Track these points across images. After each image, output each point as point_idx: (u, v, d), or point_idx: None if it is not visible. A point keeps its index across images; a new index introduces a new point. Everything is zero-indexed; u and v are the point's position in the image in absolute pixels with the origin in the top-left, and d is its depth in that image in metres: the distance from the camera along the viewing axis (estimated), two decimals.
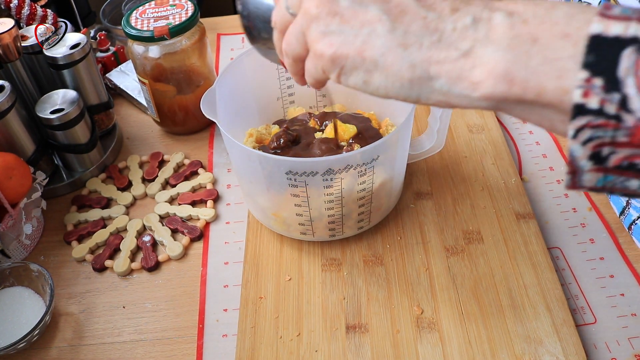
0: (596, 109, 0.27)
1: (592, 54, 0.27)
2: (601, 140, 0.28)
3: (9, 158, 0.61)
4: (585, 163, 0.29)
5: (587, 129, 0.28)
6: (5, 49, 0.64)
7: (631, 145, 0.28)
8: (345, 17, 0.32)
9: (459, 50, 0.30)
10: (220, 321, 0.57)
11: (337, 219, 0.57)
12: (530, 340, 0.52)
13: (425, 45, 0.31)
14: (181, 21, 0.69)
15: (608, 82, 0.27)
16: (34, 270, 0.57)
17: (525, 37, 0.29)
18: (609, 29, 0.27)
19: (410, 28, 0.31)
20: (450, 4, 0.31)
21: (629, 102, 0.27)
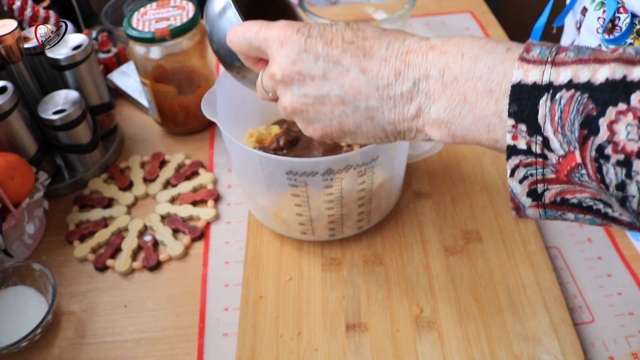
0: (525, 149, 0.32)
1: (514, 104, 0.31)
2: (534, 178, 0.32)
3: (12, 158, 0.61)
4: (525, 200, 0.33)
5: (521, 167, 0.32)
6: (7, 50, 0.65)
7: (559, 181, 0.32)
8: (315, 107, 0.38)
9: (411, 113, 0.36)
10: (220, 320, 0.57)
11: (337, 219, 0.58)
12: (529, 339, 0.52)
13: (386, 112, 0.37)
14: (182, 22, 0.69)
15: (530, 127, 0.31)
16: (37, 269, 0.58)
17: (457, 97, 0.34)
18: (527, 76, 0.31)
19: (369, 103, 0.37)
20: (393, 68, 0.35)
21: (550, 143, 0.31)
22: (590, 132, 0.29)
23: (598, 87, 0.29)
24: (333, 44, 0.37)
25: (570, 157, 0.30)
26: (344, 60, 0.37)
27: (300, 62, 0.38)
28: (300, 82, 0.38)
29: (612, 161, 0.29)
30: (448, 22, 0.99)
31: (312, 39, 0.38)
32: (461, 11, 1.01)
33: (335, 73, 0.37)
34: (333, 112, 0.38)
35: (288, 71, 0.38)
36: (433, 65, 0.34)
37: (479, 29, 0.97)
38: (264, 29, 0.40)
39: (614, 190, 0.30)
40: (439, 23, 0.99)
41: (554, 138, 0.30)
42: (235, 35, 0.41)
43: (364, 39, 0.37)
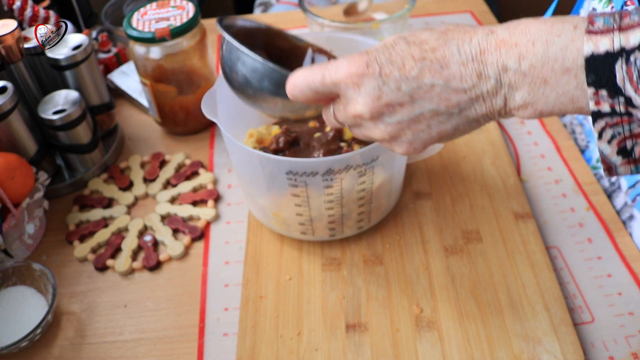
0: (609, 112, 0.33)
1: (592, 74, 0.33)
2: (622, 136, 0.34)
3: (12, 158, 0.61)
4: (616, 159, 0.35)
5: (608, 128, 0.34)
6: (8, 50, 0.65)
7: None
8: (412, 127, 0.40)
9: (499, 104, 0.38)
10: (221, 320, 0.57)
11: (337, 219, 0.58)
12: (529, 339, 0.52)
13: (477, 108, 0.38)
14: (182, 22, 0.69)
15: (611, 91, 0.33)
16: (37, 269, 0.58)
17: (538, 81, 0.35)
18: (598, 46, 0.33)
19: (460, 105, 0.38)
20: (474, 70, 0.37)
21: (633, 101, 0.32)
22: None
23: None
24: (407, 67, 0.38)
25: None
26: (425, 79, 0.37)
27: (385, 96, 0.38)
28: (390, 113, 0.39)
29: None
30: (448, 22, 0.99)
31: (385, 69, 0.38)
32: (461, 11, 1.01)
33: (422, 93, 0.38)
34: (430, 125, 0.40)
35: (376, 107, 0.39)
36: (508, 59, 0.36)
37: None
38: (328, 74, 0.40)
39: None
40: (439, 23, 0.99)
41: (636, 96, 0.32)
42: (298, 89, 0.42)
43: (433, 51, 0.38)
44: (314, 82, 0.41)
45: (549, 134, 0.75)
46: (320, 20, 0.78)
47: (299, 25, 0.98)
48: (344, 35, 0.63)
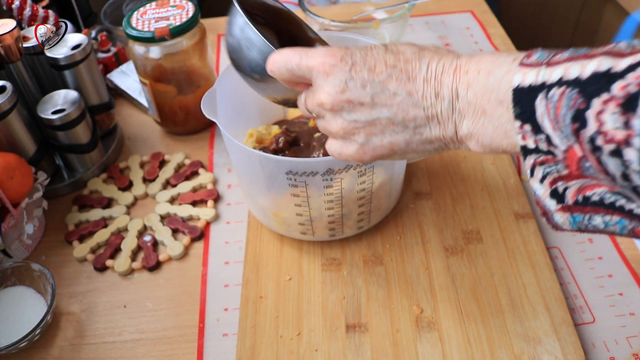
0: (534, 148, 0.33)
1: (517, 107, 0.33)
2: (552, 176, 0.33)
3: (11, 158, 0.61)
4: (550, 202, 0.34)
5: (537, 166, 0.34)
6: (7, 50, 0.64)
7: (573, 175, 0.33)
8: (366, 129, 0.40)
9: (450, 129, 0.38)
10: (220, 320, 0.57)
11: (337, 219, 0.58)
12: (529, 339, 0.52)
13: (433, 128, 0.39)
14: (182, 22, 0.69)
15: (534, 126, 0.33)
16: (36, 269, 0.58)
17: (479, 110, 0.36)
18: (525, 79, 0.33)
19: (417, 122, 0.39)
20: (433, 88, 0.38)
21: (552, 140, 0.32)
22: (581, 125, 0.30)
23: (585, 81, 0.30)
24: (377, 70, 0.39)
25: (572, 151, 0.32)
26: (390, 85, 0.38)
27: (349, 91, 0.39)
28: (350, 109, 0.40)
29: (606, 152, 0.30)
30: (448, 21, 0.99)
31: (356, 66, 0.39)
32: (461, 11, 1.01)
33: (383, 98, 0.39)
34: (384, 132, 0.40)
35: (337, 100, 0.40)
36: (460, 84, 0.37)
37: (480, 28, 0.96)
38: (305, 58, 0.41)
39: (621, 181, 0.30)
40: (439, 22, 0.99)
41: (553, 134, 0.32)
42: (276, 65, 0.43)
43: (406, 62, 0.39)
44: (291, 62, 0.42)
45: None
46: (320, 19, 0.78)
47: None
48: (344, 35, 0.63)
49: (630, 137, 0.28)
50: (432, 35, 0.96)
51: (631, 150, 0.29)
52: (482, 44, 0.93)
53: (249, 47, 0.46)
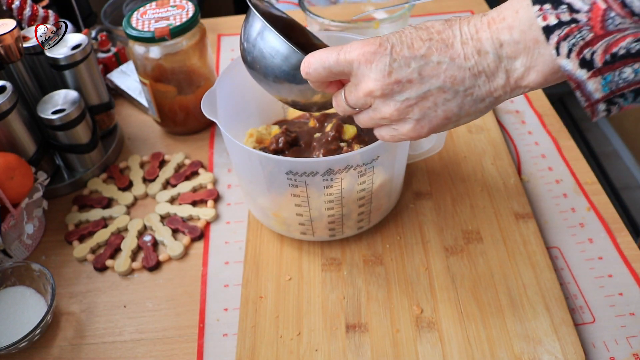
0: (556, 23, 0.35)
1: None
2: (579, 46, 0.35)
3: (11, 158, 0.61)
4: (581, 73, 0.36)
5: (562, 42, 0.35)
6: (7, 50, 0.64)
7: (598, 37, 0.34)
8: (420, 105, 0.41)
9: (502, 78, 0.39)
10: (220, 320, 0.57)
11: (337, 219, 0.58)
12: (529, 339, 0.52)
13: (482, 85, 0.40)
14: (182, 22, 0.69)
15: (553, 2, 0.35)
16: (36, 269, 0.58)
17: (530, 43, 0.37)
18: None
19: (465, 83, 0.40)
20: (473, 47, 0.39)
21: (573, 5, 0.34)
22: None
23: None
24: (416, 46, 0.40)
25: (595, 7, 0.34)
26: (432, 56, 0.40)
27: (395, 72, 0.40)
28: (400, 89, 0.41)
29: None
30: None
31: (396, 47, 0.41)
32: (462, 11, 1.01)
33: (429, 69, 0.40)
34: (436, 103, 0.41)
35: (386, 83, 0.41)
36: (500, 33, 0.38)
37: None
38: (342, 53, 0.42)
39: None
40: None
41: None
42: (313, 67, 0.44)
43: (439, 33, 0.40)
44: (329, 60, 0.43)
45: (550, 133, 0.75)
46: (320, 19, 0.77)
47: None
48: (344, 35, 0.63)
49: None
50: None
51: None
52: None
53: (272, 54, 0.47)
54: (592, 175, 0.68)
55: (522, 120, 0.77)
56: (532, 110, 0.79)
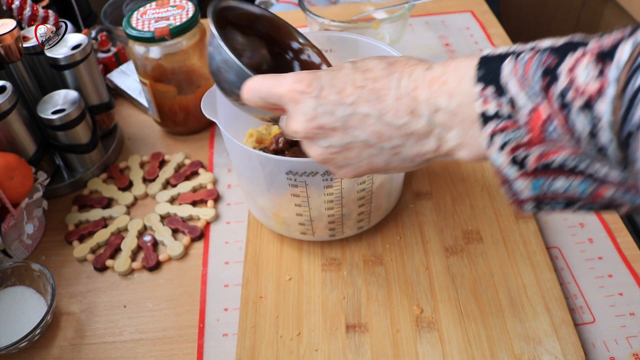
0: (494, 113, 0.32)
1: (481, 69, 0.33)
2: (512, 144, 0.32)
3: (11, 158, 0.61)
4: (510, 170, 0.33)
5: (497, 134, 0.32)
6: (7, 50, 0.64)
7: (534, 142, 0.32)
8: (343, 154, 0.40)
9: (432, 144, 0.37)
10: (220, 320, 0.57)
11: (337, 219, 0.58)
12: (529, 339, 0.52)
13: (411, 146, 0.37)
14: (182, 22, 0.69)
15: (496, 88, 0.32)
16: (36, 269, 0.58)
17: (467, 121, 0.34)
18: (496, 51, 0.33)
19: (392, 142, 0.38)
20: (407, 106, 0.36)
21: (516, 101, 0.31)
22: (551, 80, 0.30)
23: (558, 47, 0.31)
24: (346, 92, 0.38)
25: (536, 112, 0.31)
26: (360, 107, 0.37)
27: (319, 118, 0.38)
28: (323, 135, 0.39)
29: (576, 107, 0.29)
30: (448, 21, 0.99)
31: (324, 90, 0.38)
32: (462, 11, 1.01)
33: (355, 120, 0.38)
34: (360, 155, 0.39)
35: (310, 127, 0.39)
36: (439, 97, 0.35)
37: (480, 28, 0.96)
38: (275, 86, 0.41)
39: (587, 140, 0.29)
40: (439, 22, 0.99)
41: (519, 95, 0.31)
42: (250, 94, 0.43)
43: (374, 81, 0.37)
44: (263, 90, 0.41)
45: None
46: (320, 19, 0.77)
47: (299, 25, 0.97)
48: (344, 35, 0.63)
49: (604, 86, 0.28)
50: (432, 35, 0.96)
51: (602, 103, 0.28)
52: (482, 43, 0.93)
53: (227, 70, 0.46)
54: None
55: None
56: None
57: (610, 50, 0.28)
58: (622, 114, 0.27)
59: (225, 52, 0.45)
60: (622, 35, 0.29)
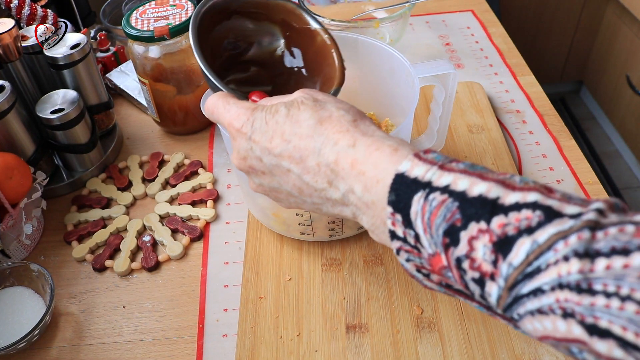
0: (402, 237, 0.33)
1: (393, 193, 0.32)
2: (415, 264, 0.33)
3: (9, 158, 0.61)
4: (417, 275, 0.34)
5: (403, 251, 0.33)
6: (5, 49, 0.64)
7: (435, 272, 0.32)
8: (273, 194, 0.42)
9: (348, 214, 0.38)
10: (220, 321, 0.57)
11: (337, 219, 0.57)
12: (530, 340, 0.52)
13: (329, 208, 0.39)
14: (181, 21, 0.69)
15: (405, 219, 0.32)
16: (34, 270, 0.57)
17: (378, 219, 0.35)
18: (413, 169, 0.32)
19: (313, 199, 0.39)
20: (325, 176, 0.37)
21: (420, 239, 0.31)
22: (451, 242, 0.30)
23: (469, 199, 0.30)
24: (274, 142, 0.38)
25: (437, 257, 0.31)
26: (283, 162, 0.38)
27: (249, 159, 0.41)
28: (254, 174, 0.42)
29: (469, 276, 0.30)
30: (449, 21, 0.99)
31: (255, 135, 0.39)
32: (462, 10, 1.01)
33: (279, 172, 0.39)
34: (288, 199, 0.41)
35: (242, 165, 0.42)
36: (355, 183, 0.35)
37: (480, 28, 0.96)
38: (222, 115, 0.42)
39: (479, 299, 0.30)
40: (440, 22, 0.98)
41: (423, 236, 0.31)
42: (206, 113, 0.45)
43: (300, 138, 0.37)
44: (214, 113, 0.44)
45: (551, 133, 0.74)
46: (320, 19, 0.77)
47: None
48: (344, 35, 0.63)
49: (495, 275, 0.28)
50: (433, 35, 0.95)
51: (493, 285, 0.29)
52: (482, 43, 0.93)
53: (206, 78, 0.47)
54: (593, 176, 0.68)
55: (523, 120, 0.77)
56: (533, 110, 0.78)
57: (509, 240, 0.28)
58: (507, 303, 0.29)
59: (197, 59, 0.46)
60: (528, 220, 0.28)
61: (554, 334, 0.27)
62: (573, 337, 0.26)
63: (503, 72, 0.86)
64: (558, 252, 0.27)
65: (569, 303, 0.26)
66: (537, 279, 0.27)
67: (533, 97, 0.81)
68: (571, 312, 0.26)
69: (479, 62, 0.88)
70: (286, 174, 0.39)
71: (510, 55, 0.89)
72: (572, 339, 0.27)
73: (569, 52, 1.89)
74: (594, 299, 0.25)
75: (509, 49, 0.91)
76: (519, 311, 0.28)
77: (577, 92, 2.09)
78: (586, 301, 0.25)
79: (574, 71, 1.95)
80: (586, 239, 0.26)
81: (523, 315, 0.28)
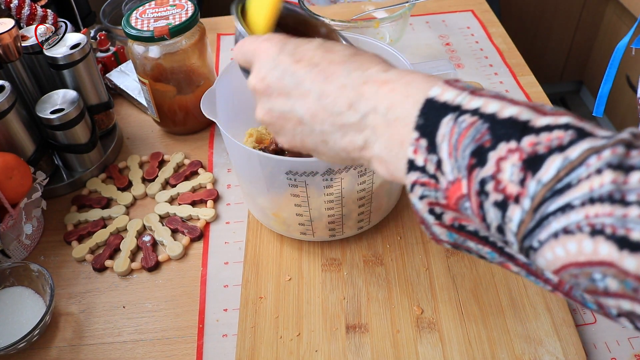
0: (422, 167, 0.31)
1: (422, 117, 0.31)
2: (430, 199, 0.32)
3: (9, 158, 0.61)
4: (428, 217, 0.33)
5: (418, 185, 0.32)
6: (5, 49, 0.64)
7: (450, 208, 0.31)
8: (280, 122, 0.40)
9: (359, 144, 0.36)
10: (220, 321, 0.57)
11: (337, 219, 0.57)
12: (530, 340, 0.52)
13: (338, 138, 0.37)
14: (181, 21, 0.69)
15: (430, 144, 0.31)
16: (34, 270, 0.57)
17: (396, 139, 0.33)
18: (443, 94, 0.31)
19: (323, 127, 0.37)
20: (347, 98, 0.35)
21: (442, 165, 0.30)
22: (478, 162, 0.29)
23: (500, 120, 0.29)
24: (301, 64, 0.38)
25: (457, 185, 0.30)
26: (306, 82, 0.37)
27: (269, 77, 0.39)
28: (268, 96, 0.40)
29: (491, 200, 0.29)
30: (449, 20, 0.98)
31: (283, 55, 0.38)
32: (462, 10, 1.01)
33: (297, 93, 0.38)
34: (294, 129, 0.39)
35: (259, 84, 0.40)
36: (381, 101, 0.34)
37: (480, 27, 0.96)
38: (254, 41, 0.41)
39: (494, 231, 0.30)
40: (440, 22, 0.98)
41: (447, 161, 0.30)
42: (236, 51, 0.43)
43: (330, 62, 0.37)
44: (245, 46, 0.42)
45: None
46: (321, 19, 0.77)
47: None
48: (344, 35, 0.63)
49: (521, 195, 0.27)
50: (433, 35, 0.95)
51: (517, 209, 0.28)
52: (482, 43, 0.93)
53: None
54: None
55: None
56: None
57: (539, 158, 0.27)
58: (529, 228, 0.27)
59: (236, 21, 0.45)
60: (560, 139, 0.27)
61: (577, 257, 0.26)
62: (599, 259, 0.25)
63: (503, 72, 0.86)
64: (590, 167, 0.26)
65: (599, 218, 0.25)
66: (566, 195, 0.26)
67: (533, 97, 0.81)
68: (600, 228, 0.25)
69: (478, 62, 0.88)
70: (304, 96, 0.37)
71: (510, 55, 0.89)
72: (597, 262, 0.25)
73: (569, 52, 1.89)
74: (627, 210, 0.24)
75: (508, 49, 0.91)
76: (541, 237, 0.27)
77: (577, 92, 2.09)
78: (619, 212, 0.24)
79: (574, 71, 1.95)
80: (620, 153, 0.25)
81: (544, 241, 0.27)
